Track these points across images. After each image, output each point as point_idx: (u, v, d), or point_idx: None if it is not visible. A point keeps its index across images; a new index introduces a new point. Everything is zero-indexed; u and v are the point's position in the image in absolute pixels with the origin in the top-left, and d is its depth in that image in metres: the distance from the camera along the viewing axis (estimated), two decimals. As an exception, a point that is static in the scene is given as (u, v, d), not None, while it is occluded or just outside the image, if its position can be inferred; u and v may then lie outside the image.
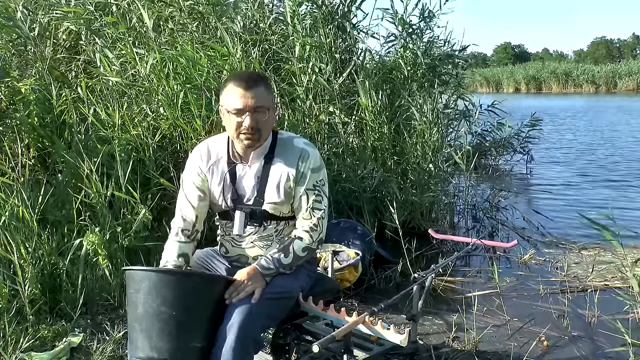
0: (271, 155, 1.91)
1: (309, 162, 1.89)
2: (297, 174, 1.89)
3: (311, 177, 1.89)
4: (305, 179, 1.89)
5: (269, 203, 1.89)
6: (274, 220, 1.93)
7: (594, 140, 11.51)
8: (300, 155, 1.89)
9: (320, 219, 1.92)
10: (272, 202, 1.89)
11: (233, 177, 1.92)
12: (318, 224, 1.91)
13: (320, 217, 1.92)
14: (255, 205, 1.90)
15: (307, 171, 1.89)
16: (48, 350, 2.61)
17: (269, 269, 1.85)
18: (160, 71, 3.72)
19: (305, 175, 1.89)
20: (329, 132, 4.41)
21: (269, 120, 1.85)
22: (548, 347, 2.76)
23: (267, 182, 1.89)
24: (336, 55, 4.26)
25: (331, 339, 1.77)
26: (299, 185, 1.89)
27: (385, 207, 4.34)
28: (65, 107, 3.65)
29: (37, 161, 3.61)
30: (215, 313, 1.72)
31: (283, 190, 1.89)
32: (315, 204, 1.91)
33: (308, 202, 1.90)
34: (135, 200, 3.28)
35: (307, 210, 1.91)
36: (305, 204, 1.90)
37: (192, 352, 1.68)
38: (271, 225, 1.93)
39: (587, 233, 4.71)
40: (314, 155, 1.91)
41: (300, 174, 1.89)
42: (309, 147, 1.93)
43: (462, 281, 3.70)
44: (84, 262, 3.01)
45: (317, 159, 1.91)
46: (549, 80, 35.65)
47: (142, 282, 1.68)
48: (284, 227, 1.95)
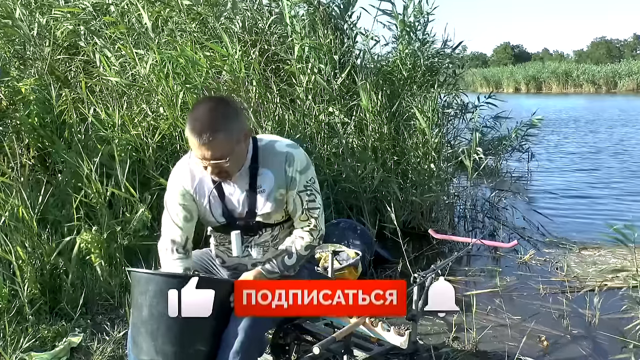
0: (255, 165, 1.84)
1: (295, 164, 1.83)
2: (286, 180, 1.83)
3: (301, 179, 1.85)
4: (295, 183, 1.84)
5: (261, 214, 1.86)
6: (269, 227, 1.91)
7: (595, 140, 11.51)
8: (286, 159, 1.83)
9: (317, 218, 1.91)
10: (264, 213, 1.86)
11: (221, 193, 1.86)
12: (317, 223, 1.91)
13: (317, 216, 1.91)
14: (248, 218, 1.87)
15: (296, 174, 1.84)
16: (48, 350, 2.61)
17: (273, 272, 1.85)
18: (160, 71, 3.72)
19: (295, 178, 1.84)
20: (328, 132, 4.41)
21: (233, 162, 1.75)
22: (548, 347, 2.76)
23: (257, 193, 1.84)
24: (335, 57, 4.25)
25: (332, 341, 1.77)
26: (291, 190, 1.85)
27: (385, 207, 4.34)
28: (65, 107, 3.65)
29: (37, 161, 3.61)
30: (220, 316, 1.72)
31: (274, 199, 1.84)
32: (310, 204, 1.89)
33: (302, 204, 1.88)
34: (135, 200, 3.27)
35: (304, 212, 1.89)
36: (300, 206, 1.88)
37: (197, 356, 1.69)
38: (266, 232, 1.91)
39: (587, 233, 4.72)
40: (299, 156, 1.85)
41: (290, 178, 1.83)
42: (292, 149, 1.86)
43: (462, 281, 3.70)
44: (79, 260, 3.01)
45: (303, 158, 1.86)
46: (549, 81, 35.61)
47: (148, 285, 1.68)
48: (278, 232, 1.93)
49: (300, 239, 1.90)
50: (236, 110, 1.76)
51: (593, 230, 4.82)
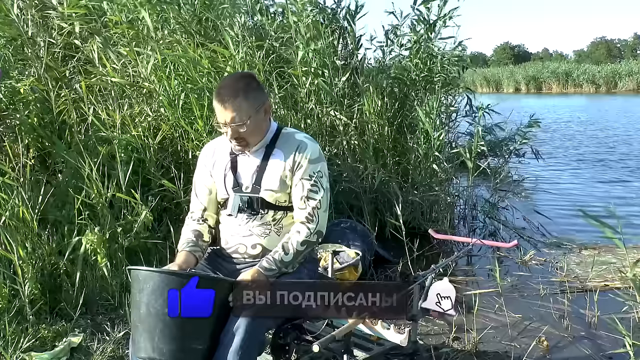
0: (272, 146, 1.96)
1: (306, 153, 1.92)
2: (293, 163, 1.92)
3: (308, 167, 1.92)
4: (301, 168, 1.92)
5: (266, 190, 1.93)
6: (271, 209, 1.95)
7: (596, 140, 11.51)
8: (299, 146, 1.94)
9: (315, 209, 1.92)
10: (269, 189, 1.93)
11: (234, 165, 1.99)
12: (314, 213, 1.91)
13: (316, 206, 1.92)
14: (253, 192, 1.94)
15: (304, 161, 1.92)
16: (48, 350, 2.61)
17: (271, 270, 1.86)
18: (161, 71, 3.71)
19: (302, 164, 1.92)
20: (330, 132, 4.41)
21: (250, 129, 1.89)
22: (548, 347, 2.76)
23: (265, 170, 1.94)
24: (337, 62, 4.25)
25: (331, 339, 1.77)
26: (295, 174, 1.92)
27: (385, 207, 4.34)
28: (65, 107, 3.65)
29: (37, 161, 3.61)
30: (218, 315, 1.72)
31: (279, 179, 1.93)
32: (311, 194, 1.92)
33: (303, 191, 1.92)
34: (136, 201, 3.27)
35: (302, 199, 1.92)
36: (300, 192, 1.92)
37: (194, 354, 1.68)
38: (268, 213, 1.94)
39: (588, 233, 4.72)
40: (312, 147, 1.94)
41: (297, 163, 1.92)
42: (309, 140, 1.97)
43: (463, 281, 3.70)
44: (82, 261, 3.01)
45: (316, 151, 1.94)
46: (549, 81, 35.61)
47: (145, 282, 1.68)
48: (281, 216, 1.96)
49: (297, 233, 1.91)
50: (258, 83, 1.94)
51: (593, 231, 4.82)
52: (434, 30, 4.62)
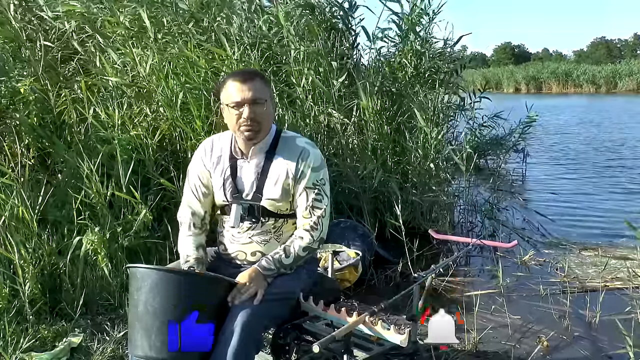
0: (272, 151, 1.93)
1: (309, 161, 1.90)
2: (296, 172, 1.89)
3: (311, 176, 1.90)
4: (304, 177, 1.89)
5: (267, 199, 1.91)
6: (272, 217, 1.93)
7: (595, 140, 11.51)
8: (301, 153, 1.90)
9: (320, 218, 1.91)
10: (270, 199, 1.90)
11: (234, 172, 1.94)
12: (318, 222, 1.91)
13: (320, 215, 1.91)
14: (254, 200, 1.91)
15: (307, 169, 1.89)
16: (48, 350, 2.60)
17: (269, 270, 1.85)
18: (160, 71, 3.72)
19: (305, 173, 1.89)
20: (328, 132, 4.40)
21: (267, 112, 1.88)
22: (549, 348, 2.76)
23: (267, 178, 1.91)
24: (333, 63, 4.24)
25: (331, 339, 1.77)
26: (298, 183, 1.90)
27: (385, 207, 4.33)
28: (65, 107, 3.64)
29: (37, 161, 3.60)
30: (215, 314, 1.72)
31: (281, 188, 1.90)
32: (315, 203, 1.91)
33: (308, 200, 1.91)
34: (136, 201, 3.27)
35: (307, 209, 1.91)
36: (304, 201, 1.91)
37: (192, 353, 1.67)
38: (269, 221, 1.93)
39: (588, 234, 4.73)
40: (314, 154, 1.92)
41: (300, 172, 1.89)
42: (310, 147, 1.93)
43: (463, 281, 3.70)
44: (83, 261, 3.01)
45: (318, 158, 1.92)
46: (549, 81, 35.61)
47: (143, 281, 1.68)
48: (282, 224, 1.95)
49: (300, 239, 1.91)
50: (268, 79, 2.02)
51: (593, 231, 4.83)
52: (419, 24, 4.60)
